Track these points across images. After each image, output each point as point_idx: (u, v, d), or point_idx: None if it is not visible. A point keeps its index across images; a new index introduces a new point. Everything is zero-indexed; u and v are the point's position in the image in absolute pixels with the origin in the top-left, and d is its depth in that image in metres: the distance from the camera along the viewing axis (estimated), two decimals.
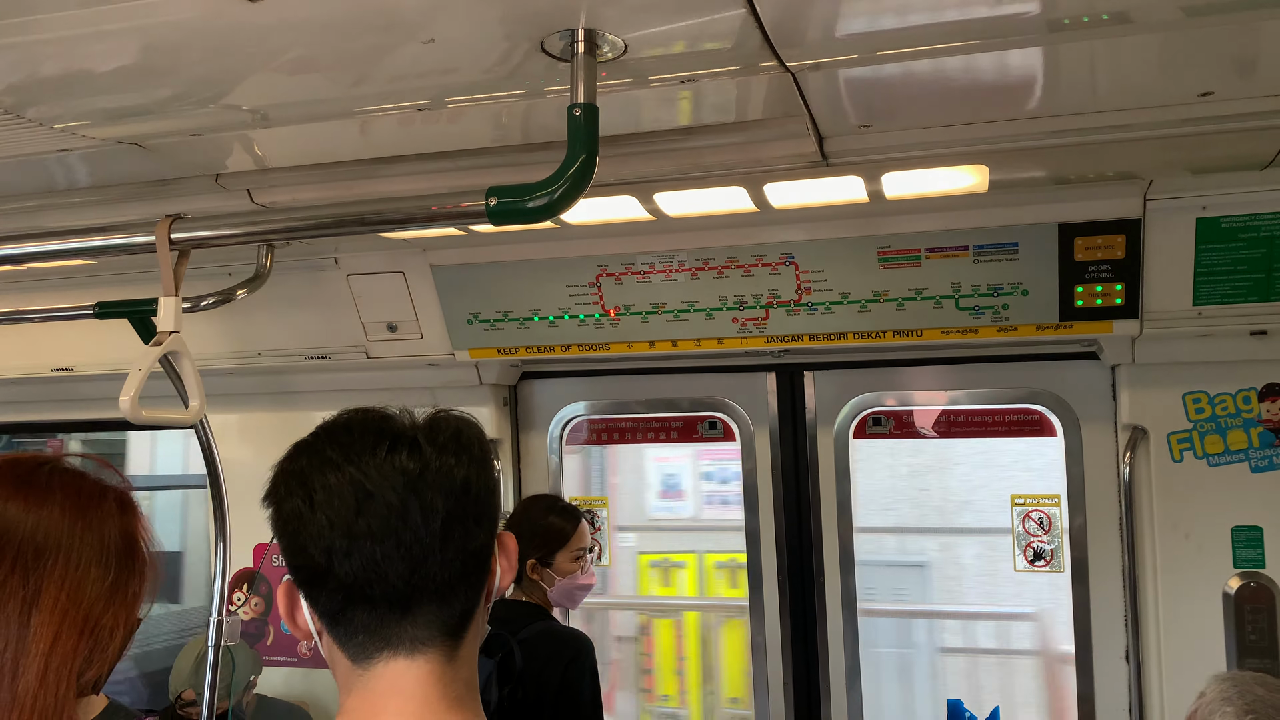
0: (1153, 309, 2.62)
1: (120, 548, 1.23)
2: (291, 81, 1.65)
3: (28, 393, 3.85)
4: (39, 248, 2.06)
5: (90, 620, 1.17)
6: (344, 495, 1.13)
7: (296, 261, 3.05)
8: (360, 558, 1.12)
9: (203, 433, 2.39)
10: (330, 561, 1.12)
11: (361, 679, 1.16)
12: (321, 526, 1.12)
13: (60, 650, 1.13)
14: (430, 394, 3.47)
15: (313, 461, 1.16)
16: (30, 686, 1.10)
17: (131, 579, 1.23)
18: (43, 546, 1.17)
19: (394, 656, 1.15)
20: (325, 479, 1.14)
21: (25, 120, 1.77)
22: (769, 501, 3.42)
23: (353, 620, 1.14)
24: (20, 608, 1.13)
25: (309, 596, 1.17)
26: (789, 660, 3.42)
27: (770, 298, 2.85)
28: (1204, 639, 2.80)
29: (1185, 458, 2.82)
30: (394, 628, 1.15)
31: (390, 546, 1.12)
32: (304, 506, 1.14)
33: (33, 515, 1.19)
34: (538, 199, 1.53)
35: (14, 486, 1.22)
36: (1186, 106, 1.86)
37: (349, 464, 1.14)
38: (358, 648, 1.16)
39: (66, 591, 1.16)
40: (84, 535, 1.20)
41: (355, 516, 1.12)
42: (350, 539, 1.12)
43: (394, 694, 1.15)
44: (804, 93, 1.75)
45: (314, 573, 1.14)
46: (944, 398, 3.30)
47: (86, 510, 1.23)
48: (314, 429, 1.23)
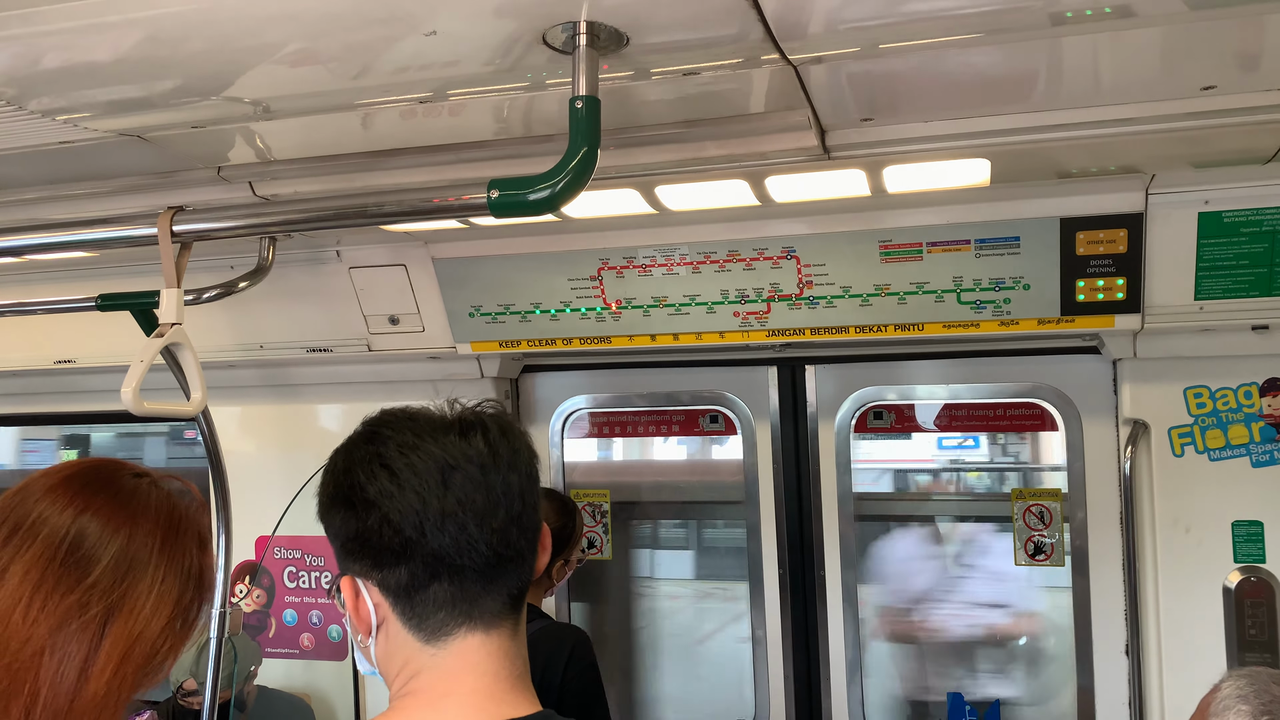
0: (1154, 303, 2.62)
1: (196, 579, 1.26)
2: (293, 74, 1.65)
3: (31, 385, 3.86)
4: (41, 239, 2.07)
5: (159, 642, 1.19)
6: (430, 471, 1.19)
7: (298, 254, 3.05)
8: (452, 528, 1.18)
9: (205, 425, 2.39)
10: (423, 535, 1.18)
11: (434, 657, 1.21)
12: (411, 501, 1.18)
13: (129, 663, 1.16)
14: (433, 387, 3.47)
15: (389, 446, 1.21)
16: (96, 693, 1.12)
17: (196, 608, 1.26)
18: (131, 565, 1.19)
19: (472, 630, 1.21)
20: (408, 458, 1.20)
21: (27, 112, 1.77)
22: (769, 495, 3.42)
23: (434, 596, 1.20)
24: (102, 616, 1.15)
25: (383, 581, 1.21)
26: (789, 654, 3.43)
27: (772, 291, 2.85)
28: (1204, 633, 2.80)
29: (1186, 452, 2.82)
30: (476, 601, 1.21)
31: (479, 515, 1.19)
32: (390, 484, 1.19)
33: (126, 532, 1.21)
34: (539, 191, 1.54)
35: (112, 496, 1.23)
36: (1189, 101, 1.86)
37: (426, 444, 1.21)
38: (436, 625, 1.21)
39: (146, 611, 1.18)
40: (170, 561, 1.23)
41: (444, 489, 1.19)
42: (442, 511, 1.18)
43: (468, 670, 1.20)
44: (806, 85, 1.75)
45: (402, 548, 1.18)
46: (945, 392, 3.31)
47: (176, 536, 1.25)
48: (363, 424, 1.28)
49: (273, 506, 3.30)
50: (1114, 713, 3.10)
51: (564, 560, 2.83)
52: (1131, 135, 1.96)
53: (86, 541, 1.18)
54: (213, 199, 2.29)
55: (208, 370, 2.04)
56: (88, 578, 1.16)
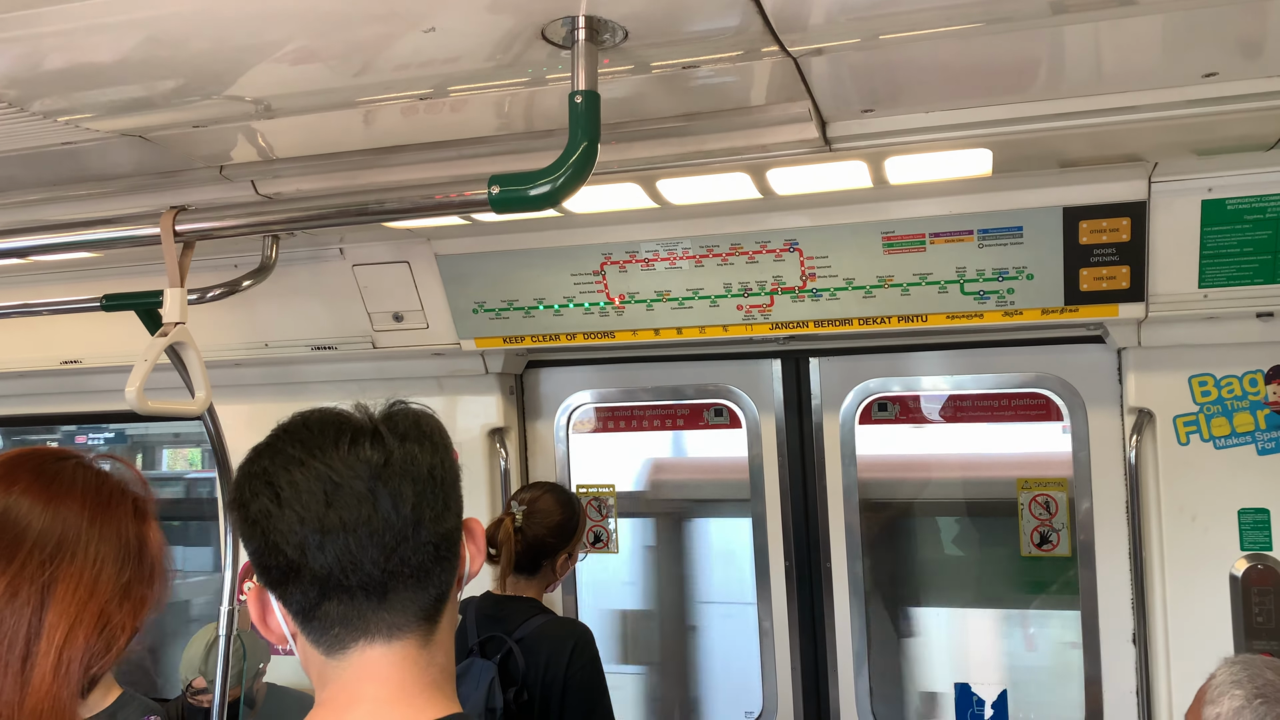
0: (1158, 292, 2.62)
1: (135, 550, 1.24)
2: (294, 72, 1.65)
3: (37, 385, 3.87)
4: (45, 240, 2.07)
5: (104, 616, 1.17)
6: (312, 489, 1.13)
7: (302, 252, 3.06)
8: (334, 549, 1.12)
9: (210, 423, 2.40)
10: (304, 556, 1.12)
11: (336, 669, 1.17)
12: (292, 522, 1.12)
13: (73, 643, 1.14)
14: (437, 383, 3.48)
15: (275, 460, 1.15)
16: (45, 676, 1.11)
17: (141, 582, 1.24)
18: (61, 540, 1.17)
19: (370, 644, 1.16)
20: (290, 475, 1.14)
21: (30, 113, 1.78)
22: (775, 488, 3.42)
23: (328, 614, 1.15)
24: (36, 599, 1.13)
25: (281, 596, 1.17)
26: (796, 646, 3.43)
27: (775, 284, 2.85)
28: (1210, 622, 2.80)
29: (1191, 440, 2.82)
30: (371, 616, 1.15)
31: (364, 535, 1.13)
32: (272, 505, 1.13)
33: (52, 509, 1.19)
34: (540, 187, 1.54)
35: (35, 478, 1.22)
36: (1191, 88, 1.85)
37: (313, 459, 1.14)
38: (333, 640, 1.16)
39: (84, 586, 1.17)
40: (102, 532, 1.21)
41: (325, 509, 1.12)
42: (323, 532, 1.12)
43: (369, 680, 1.15)
44: (806, 77, 1.75)
45: (287, 570, 1.14)
46: (949, 383, 3.30)
47: (106, 508, 1.23)
48: (270, 434, 1.22)
49: None
50: (1121, 701, 3.10)
51: (567, 554, 2.82)
52: (1133, 123, 1.95)
53: (9, 524, 1.17)
54: (215, 198, 2.29)
55: (213, 369, 2.04)
56: (13, 561, 1.14)
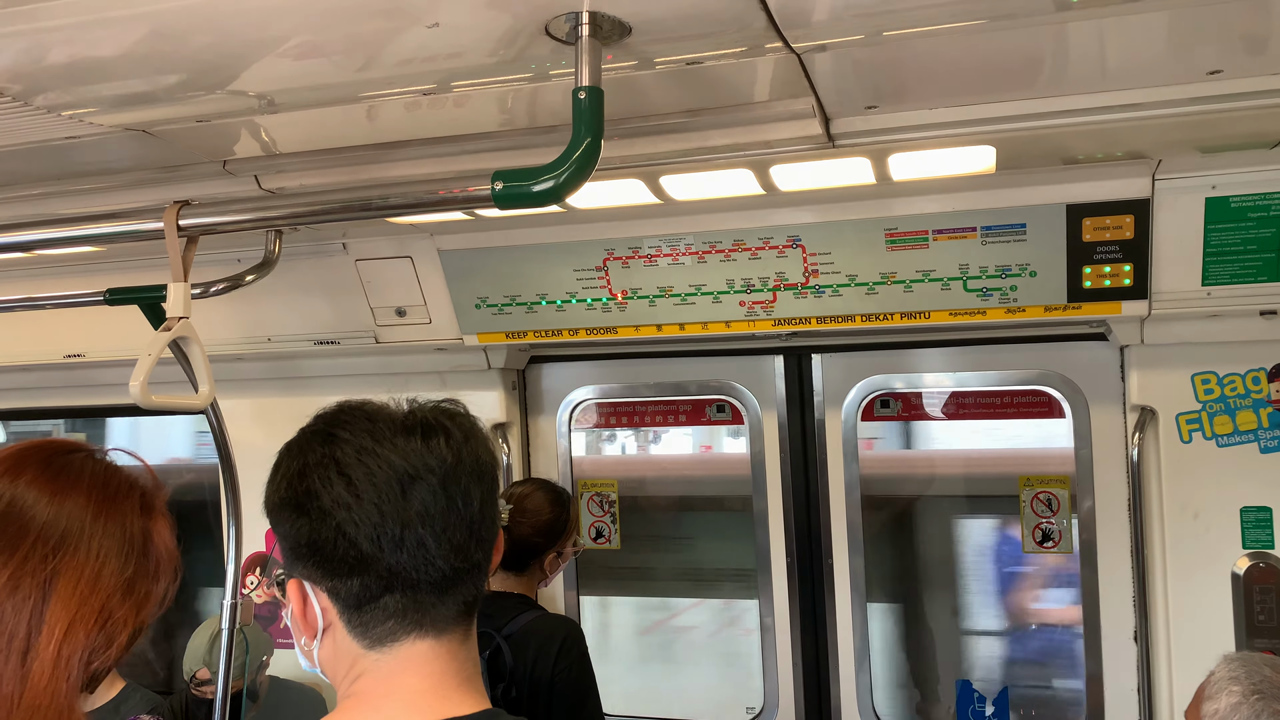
0: (1161, 289, 2.61)
1: (139, 545, 1.23)
2: (297, 67, 1.65)
3: (40, 379, 3.88)
4: (49, 234, 2.08)
5: (105, 611, 1.17)
6: (389, 481, 1.13)
7: (305, 247, 3.06)
8: (411, 544, 1.13)
9: (213, 417, 2.40)
10: (380, 549, 1.12)
11: (376, 661, 1.16)
12: (369, 513, 1.12)
13: (74, 637, 1.14)
14: (440, 379, 3.48)
15: (346, 450, 1.15)
16: (44, 669, 1.11)
17: (146, 578, 1.23)
18: (65, 533, 1.17)
19: (422, 637, 1.17)
20: (366, 466, 1.14)
21: (33, 108, 1.78)
22: (777, 484, 3.43)
23: (385, 606, 1.15)
24: (37, 591, 1.13)
25: (334, 589, 1.16)
26: (798, 643, 3.44)
27: (777, 280, 2.85)
28: (1212, 620, 2.80)
29: (1194, 438, 2.81)
30: (429, 610, 1.16)
31: (438, 530, 1.14)
32: (349, 495, 1.13)
33: (57, 502, 1.19)
34: (543, 183, 1.54)
35: (41, 471, 1.22)
36: (1195, 85, 1.85)
37: (389, 450, 1.14)
38: (384, 632, 1.16)
39: (85, 580, 1.16)
40: (106, 527, 1.20)
41: (404, 502, 1.13)
42: (403, 525, 1.12)
43: (411, 671, 1.16)
44: (810, 74, 1.75)
45: (356, 561, 1.13)
46: (952, 380, 3.30)
47: (111, 503, 1.22)
48: (318, 420, 1.21)
49: None
50: (1122, 699, 3.10)
51: (557, 552, 2.81)
52: (1138, 120, 1.95)
53: (14, 516, 1.16)
54: (218, 193, 2.30)
55: (216, 363, 2.05)
56: (16, 553, 1.14)
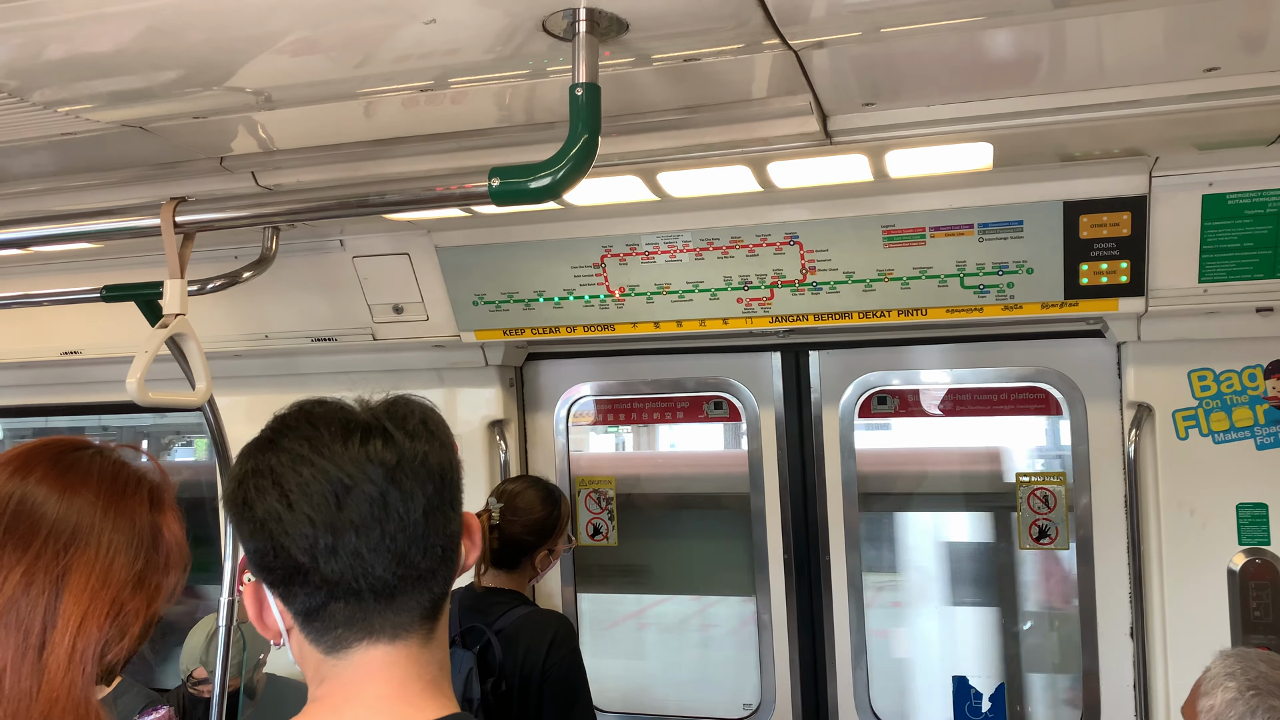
0: (1158, 286, 2.62)
1: (149, 539, 1.24)
2: (294, 63, 1.65)
3: (37, 376, 3.88)
4: (45, 231, 2.07)
5: (116, 604, 1.18)
6: (323, 491, 1.10)
7: (302, 244, 3.06)
8: (345, 554, 1.10)
9: (210, 414, 2.40)
10: (314, 560, 1.10)
11: (335, 667, 1.15)
12: (303, 524, 1.09)
13: (87, 631, 1.15)
14: (438, 375, 3.48)
15: (282, 458, 1.12)
16: (60, 663, 1.13)
17: (156, 571, 1.24)
18: (76, 529, 1.19)
19: (374, 644, 1.14)
20: (299, 475, 1.10)
21: (30, 104, 1.78)
22: (774, 481, 3.43)
23: (333, 615, 1.13)
24: (50, 587, 1.15)
25: (284, 596, 1.15)
26: (794, 639, 3.44)
27: (775, 277, 2.85)
28: (1208, 616, 2.81)
29: (1191, 435, 2.82)
30: (376, 618, 1.13)
31: (375, 539, 1.10)
32: (281, 506, 1.10)
33: (67, 499, 1.20)
34: (540, 179, 1.54)
35: (50, 468, 1.23)
36: (1192, 82, 1.85)
37: (320, 457, 1.11)
38: (335, 640, 1.14)
39: (96, 575, 1.17)
40: (116, 522, 1.21)
41: (337, 511, 1.09)
42: (334, 535, 1.09)
43: (370, 679, 1.14)
44: (807, 70, 1.75)
45: (293, 571, 1.11)
46: (949, 377, 3.31)
47: (120, 498, 1.24)
48: (269, 424, 1.18)
49: None
50: (1119, 695, 3.11)
51: (549, 550, 2.81)
52: (1135, 118, 1.95)
53: (25, 513, 1.18)
54: (215, 189, 2.29)
55: (213, 360, 2.05)
56: (29, 549, 1.16)
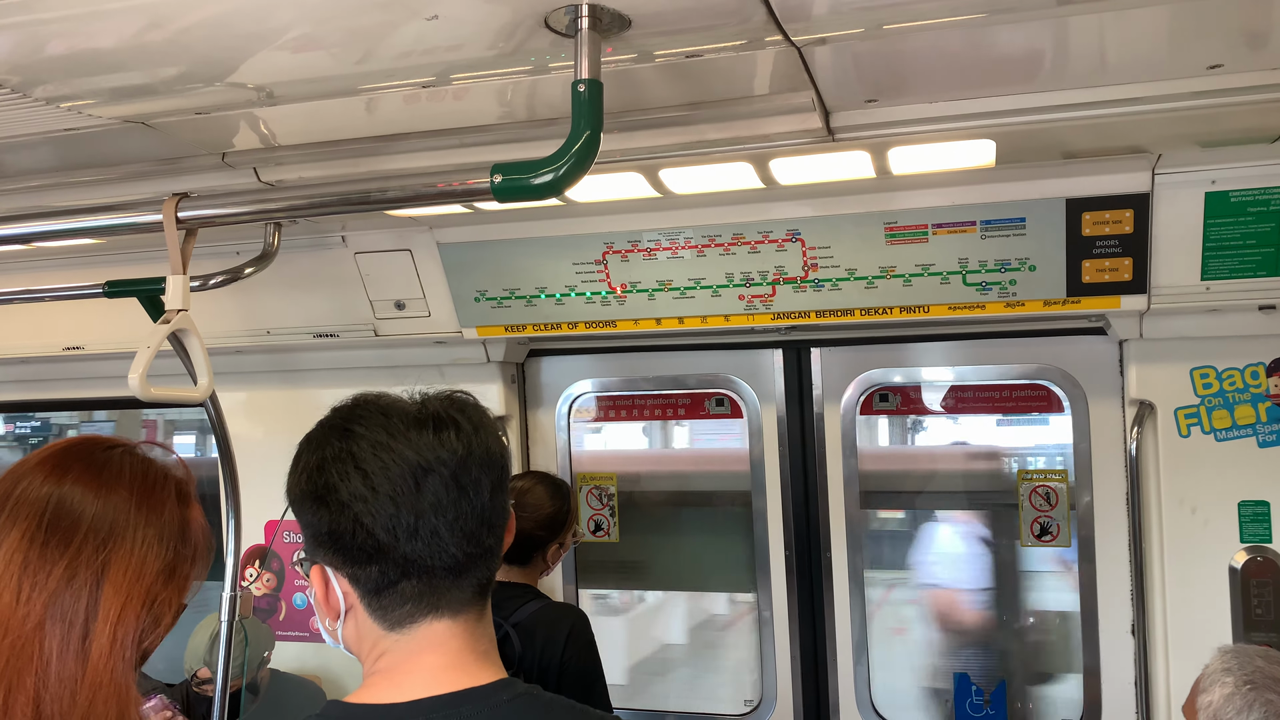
0: (1161, 284, 2.61)
1: (178, 532, 1.33)
2: (296, 59, 1.65)
3: (40, 371, 3.88)
4: (47, 226, 2.07)
5: (150, 595, 1.27)
6: (403, 475, 1.19)
7: (304, 240, 3.06)
8: (425, 532, 1.19)
9: (212, 410, 2.40)
10: (395, 538, 1.19)
11: (397, 641, 1.24)
12: (386, 505, 1.19)
13: (126, 620, 1.23)
14: (439, 372, 3.48)
15: (362, 444, 1.21)
16: (102, 650, 1.21)
17: (184, 562, 1.33)
18: (113, 526, 1.27)
19: (438, 619, 1.24)
20: (380, 460, 1.20)
21: (32, 99, 1.78)
22: (775, 478, 3.43)
23: (403, 591, 1.22)
24: (92, 580, 1.23)
25: (354, 575, 1.23)
26: (796, 636, 3.44)
27: (777, 274, 2.85)
28: (1210, 613, 2.81)
29: (1193, 433, 2.82)
30: (444, 594, 1.23)
31: (450, 519, 1.20)
32: (365, 488, 1.19)
33: (103, 498, 1.28)
34: (542, 176, 1.54)
35: (86, 468, 1.31)
36: (1195, 80, 1.85)
37: (401, 444, 1.20)
38: (402, 615, 1.23)
39: (133, 568, 1.26)
40: (148, 518, 1.30)
41: (417, 493, 1.19)
42: (416, 515, 1.19)
43: (430, 650, 1.23)
44: (809, 67, 1.75)
45: (373, 550, 1.20)
46: (951, 374, 3.30)
47: (151, 495, 1.32)
48: (335, 415, 1.28)
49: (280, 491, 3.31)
50: (1120, 692, 3.11)
51: (559, 543, 2.82)
52: (1137, 115, 1.95)
53: (65, 512, 1.26)
54: (217, 185, 2.29)
55: (215, 356, 2.04)
56: (70, 546, 1.23)
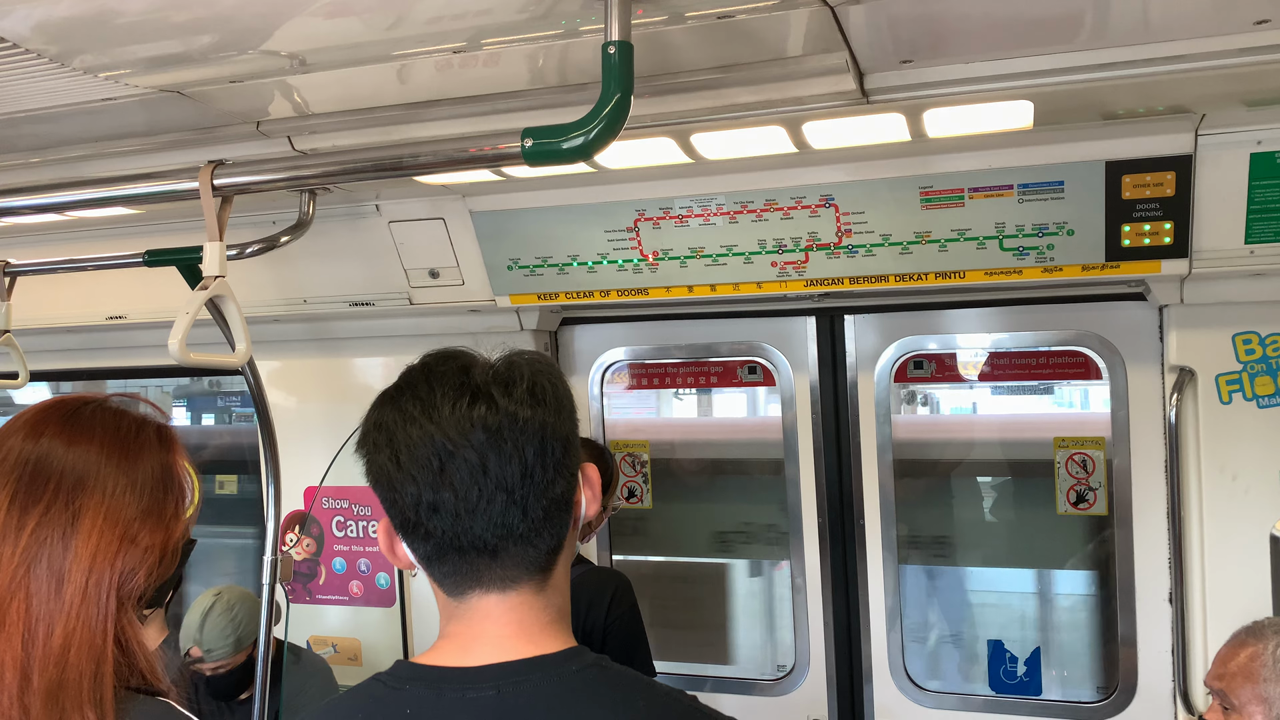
0: (1203, 248, 2.56)
1: (157, 475, 1.40)
2: (328, 26, 1.65)
3: (85, 340, 3.96)
4: (86, 195, 2.10)
5: (127, 538, 1.33)
6: (427, 454, 1.17)
7: (339, 209, 3.08)
8: (446, 514, 1.17)
9: (251, 376, 2.44)
10: (419, 516, 1.18)
11: (459, 609, 1.24)
12: (408, 483, 1.18)
13: (99, 567, 1.31)
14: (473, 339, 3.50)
15: (396, 416, 1.20)
16: (76, 595, 1.29)
17: (167, 502, 1.40)
18: (82, 477, 1.34)
19: (486, 593, 1.22)
20: (408, 435, 1.18)
21: (71, 69, 1.80)
22: (809, 445, 3.42)
23: (449, 563, 1.21)
24: (63, 529, 1.31)
25: (407, 541, 1.23)
26: (829, 604, 3.45)
27: (810, 240, 2.83)
28: (1249, 582, 2.77)
29: (1234, 399, 2.77)
30: (484, 571, 1.21)
31: (473, 502, 1.17)
32: (391, 465, 1.19)
33: (74, 450, 1.36)
34: (573, 139, 1.53)
35: (58, 424, 1.38)
36: (1241, 36, 1.80)
37: (429, 421, 1.18)
38: (453, 585, 1.23)
39: (104, 515, 1.33)
40: (120, 465, 1.36)
41: (439, 475, 1.16)
42: (436, 496, 1.17)
43: (490, 620, 1.22)
44: (843, 27, 1.72)
45: (407, 524, 1.20)
46: (987, 340, 3.27)
47: (124, 444, 1.39)
48: (401, 376, 1.26)
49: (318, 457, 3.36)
50: (1156, 661, 3.09)
51: (602, 507, 2.86)
52: (1181, 74, 1.90)
53: (41, 469, 1.34)
54: (252, 154, 2.32)
55: (253, 325, 2.07)
56: (42, 500, 1.32)
